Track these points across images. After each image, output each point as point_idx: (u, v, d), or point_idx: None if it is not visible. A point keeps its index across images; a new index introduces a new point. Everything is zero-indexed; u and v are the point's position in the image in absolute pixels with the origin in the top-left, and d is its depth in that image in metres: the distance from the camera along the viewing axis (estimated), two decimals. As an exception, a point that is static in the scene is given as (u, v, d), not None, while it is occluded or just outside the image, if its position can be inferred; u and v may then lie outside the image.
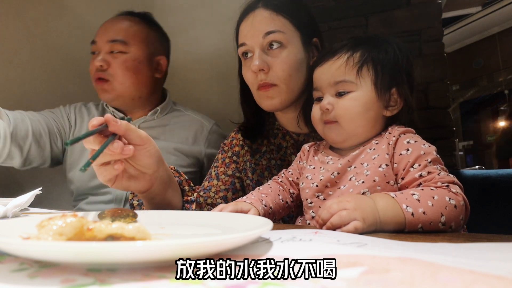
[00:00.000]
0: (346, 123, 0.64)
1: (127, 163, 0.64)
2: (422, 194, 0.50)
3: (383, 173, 0.58)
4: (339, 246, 0.34)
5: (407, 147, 0.58)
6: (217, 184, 0.92)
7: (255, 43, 0.80)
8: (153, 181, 0.68)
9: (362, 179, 0.59)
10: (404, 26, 1.71)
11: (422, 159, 0.56)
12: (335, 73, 0.65)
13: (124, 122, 0.60)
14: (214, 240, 0.28)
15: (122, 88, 1.12)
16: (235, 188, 0.93)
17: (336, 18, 1.80)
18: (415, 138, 0.61)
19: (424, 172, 0.55)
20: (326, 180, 0.63)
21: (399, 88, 0.65)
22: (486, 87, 6.01)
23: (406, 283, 0.23)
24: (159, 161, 0.68)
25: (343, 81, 0.64)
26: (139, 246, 0.25)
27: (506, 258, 0.29)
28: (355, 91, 0.64)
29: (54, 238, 0.28)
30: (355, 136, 0.65)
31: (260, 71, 0.80)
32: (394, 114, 0.66)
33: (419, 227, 0.49)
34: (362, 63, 0.64)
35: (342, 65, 0.65)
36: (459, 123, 6.25)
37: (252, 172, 0.92)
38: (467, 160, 6.37)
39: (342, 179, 0.62)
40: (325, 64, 0.67)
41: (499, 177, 1.19)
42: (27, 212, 0.77)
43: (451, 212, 0.49)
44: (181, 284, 0.24)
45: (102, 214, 0.48)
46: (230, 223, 0.45)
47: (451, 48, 5.80)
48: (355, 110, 0.63)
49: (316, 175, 0.66)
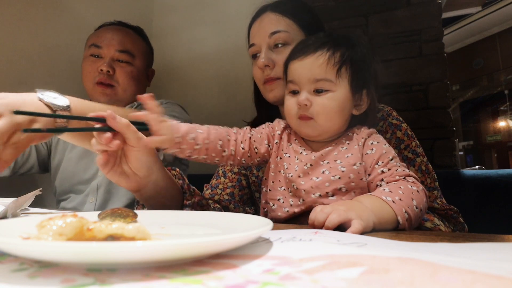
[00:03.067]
0: (323, 121, 0.66)
1: (123, 160, 0.66)
2: (391, 187, 0.57)
3: (357, 170, 0.63)
4: (339, 246, 0.34)
5: (371, 147, 0.65)
6: (224, 181, 0.95)
7: (262, 42, 0.87)
8: (143, 184, 0.69)
9: (339, 175, 0.63)
10: (404, 26, 1.71)
11: (384, 157, 0.63)
12: (316, 70, 0.66)
13: (124, 121, 0.61)
14: (214, 240, 0.28)
15: (124, 95, 1.22)
16: (242, 185, 0.96)
17: (336, 18, 1.81)
18: (377, 139, 0.67)
19: (385, 169, 0.62)
20: (300, 171, 0.66)
21: (368, 89, 0.69)
22: (486, 87, 6.01)
23: (406, 283, 0.23)
24: (151, 167, 0.68)
25: (323, 80, 0.66)
26: (139, 246, 0.25)
27: (506, 258, 0.29)
28: (333, 90, 0.66)
29: (54, 238, 0.28)
30: (328, 132, 0.68)
31: (265, 67, 0.86)
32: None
33: (405, 212, 0.54)
34: (342, 63, 0.66)
35: (324, 63, 0.66)
36: (459, 123, 6.25)
37: (257, 169, 0.95)
38: (467, 160, 6.38)
39: (315, 171, 0.66)
40: (305, 59, 0.68)
41: (499, 177, 1.19)
42: (27, 212, 0.78)
43: (417, 196, 0.57)
44: (181, 284, 0.24)
45: (102, 214, 0.48)
46: (230, 223, 0.45)
47: (451, 48, 5.80)
48: (332, 109, 0.66)
49: (291, 164, 0.68)
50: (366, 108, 0.70)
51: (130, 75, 1.21)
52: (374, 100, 0.70)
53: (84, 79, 1.21)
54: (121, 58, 1.20)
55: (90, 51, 1.21)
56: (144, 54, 1.28)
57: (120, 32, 1.23)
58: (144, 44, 1.30)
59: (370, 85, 0.69)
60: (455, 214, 0.80)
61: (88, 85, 1.20)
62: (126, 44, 1.22)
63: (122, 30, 1.24)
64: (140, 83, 1.27)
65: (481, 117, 6.28)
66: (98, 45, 1.19)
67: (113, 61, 1.19)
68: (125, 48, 1.21)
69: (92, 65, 1.19)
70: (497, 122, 6.07)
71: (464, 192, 1.22)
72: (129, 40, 1.23)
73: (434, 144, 1.61)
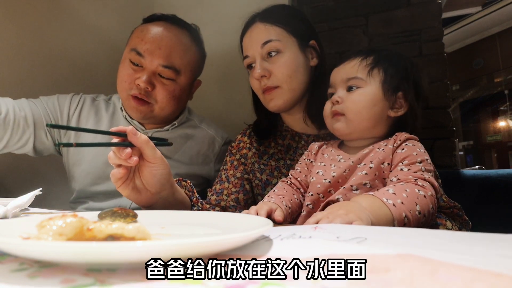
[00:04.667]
0: (353, 115, 0.69)
1: (137, 174, 0.69)
2: (396, 188, 0.56)
3: (383, 169, 0.64)
4: (339, 243, 0.34)
5: (403, 148, 0.65)
6: (228, 187, 0.96)
7: (256, 53, 0.89)
8: (154, 200, 0.71)
9: (366, 170, 0.65)
10: (404, 26, 1.71)
11: (412, 158, 0.62)
12: (348, 71, 0.72)
13: (144, 137, 0.64)
14: (214, 240, 0.28)
15: (161, 113, 1.06)
16: (245, 189, 0.97)
17: (336, 18, 1.80)
18: (414, 143, 0.66)
19: (406, 168, 0.61)
20: (338, 176, 0.68)
21: (405, 92, 0.71)
22: (486, 87, 6.01)
23: (405, 282, 0.23)
24: (164, 184, 0.70)
25: (354, 78, 0.71)
26: (139, 246, 0.25)
27: (506, 253, 0.29)
28: (364, 87, 0.70)
29: (54, 238, 0.28)
30: (360, 129, 0.70)
31: (262, 77, 0.88)
32: (399, 118, 0.71)
33: (404, 216, 0.53)
34: (374, 65, 0.71)
35: (356, 64, 0.72)
36: (459, 123, 6.25)
37: (261, 173, 0.96)
38: (467, 160, 6.37)
39: (353, 176, 0.67)
40: (341, 65, 0.75)
41: (499, 177, 1.19)
42: (27, 212, 0.77)
43: (422, 201, 0.55)
44: (181, 284, 0.24)
45: (102, 214, 0.48)
46: (230, 223, 0.45)
47: (451, 48, 5.80)
48: (362, 104, 0.69)
49: (327, 171, 0.70)
50: (404, 112, 0.71)
51: (171, 94, 1.03)
52: (414, 105, 0.72)
53: (119, 85, 1.04)
54: (163, 74, 1.01)
55: (130, 56, 1.01)
56: (192, 66, 1.08)
57: (169, 39, 1.01)
58: (196, 51, 1.09)
59: (407, 90, 0.71)
60: (460, 212, 0.81)
61: (122, 94, 1.05)
62: (173, 58, 1.01)
63: (171, 37, 1.02)
64: (181, 100, 1.09)
65: (481, 117, 6.27)
66: (140, 53, 0.99)
67: (154, 76, 1.00)
68: (170, 63, 1.00)
69: (129, 75, 1.01)
70: (497, 122, 6.06)
71: (464, 192, 1.22)
72: (177, 51, 1.02)
73: (434, 144, 1.61)
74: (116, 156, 0.63)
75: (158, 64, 0.99)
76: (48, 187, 1.16)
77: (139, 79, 0.98)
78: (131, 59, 1.01)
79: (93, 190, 1.06)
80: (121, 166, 0.65)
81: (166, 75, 1.01)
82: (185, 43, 1.05)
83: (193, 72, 1.10)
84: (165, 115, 1.08)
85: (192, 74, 1.10)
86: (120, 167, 0.66)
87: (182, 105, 1.13)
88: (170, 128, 1.13)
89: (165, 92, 1.02)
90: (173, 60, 1.01)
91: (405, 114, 0.71)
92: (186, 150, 1.13)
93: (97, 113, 1.12)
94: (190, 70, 1.08)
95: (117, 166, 0.66)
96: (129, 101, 1.02)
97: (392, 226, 0.53)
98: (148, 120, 1.08)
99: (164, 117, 1.08)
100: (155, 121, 1.10)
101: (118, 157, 0.63)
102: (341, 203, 0.56)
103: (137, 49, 1.00)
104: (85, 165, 1.07)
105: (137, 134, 0.63)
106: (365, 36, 1.78)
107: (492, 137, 6.08)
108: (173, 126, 1.13)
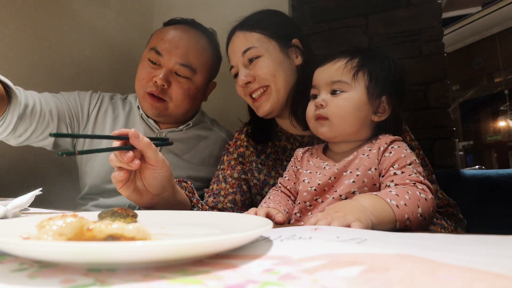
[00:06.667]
0: (337, 120, 0.68)
1: (138, 176, 0.69)
2: (398, 190, 0.56)
3: (371, 175, 0.63)
4: (339, 244, 0.34)
5: (390, 151, 0.64)
6: (225, 187, 0.96)
7: (238, 62, 0.92)
8: (155, 201, 0.72)
9: (353, 178, 0.64)
10: (404, 26, 1.71)
11: (401, 160, 0.62)
12: (333, 73, 0.70)
13: (146, 140, 0.64)
14: (214, 240, 0.28)
15: (175, 111, 1.10)
16: (243, 190, 0.96)
17: (336, 18, 1.81)
18: (399, 145, 0.66)
19: (399, 171, 0.60)
20: (324, 184, 0.67)
21: (389, 97, 0.70)
22: (486, 87, 6.01)
23: (405, 282, 0.23)
24: (165, 186, 0.71)
25: (339, 81, 0.69)
26: (139, 246, 0.25)
27: (506, 253, 0.29)
28: (348, 91, 0.68)
29: (54, 238, 0.28)
30: (345, 134, 0.69)
31: (247, 84, 0.90)
32: (382, 122, 0.71)
33: (406, 218, 0.53)
34: (359, 68, 0.69)
35: (341, 67, 0.70)
36: (459, 123, 6.26)
37: (259, 172, 0.96)
38: (467, 160, 6.37)
39: (339, 183, 0.66)
40: (325, 65, 0.72)
41: (499, 177, 1.19)
42: (27, 212, 0.77)
43: (424, 204, 0.55)
44: (181, 284, 0.24)
45: (102, 214, 0.48)
46: (230, 223, 0.45)
47: (451, 48, 5.80)
48: (347, 109, 0.67)
49: (313, 179, 0.69)
50: (387, 117, 0.70)
51: (186, 92, 1.07)
52: (396, 110, 0.71)
53: (137, 84, 1.09)
54: (180, 73, 1.06)
55: (149, 55, 1.07)
56: (208, 67, 1.12)
57: (186, 40, 1.07)
58: (212, 54, 1.14)
59: (391, 94, 0.70)
60: (455, 211, 0.81)
61: (139, 92, 1.09)
62: (190, 57, 1.06)
63: (189, 38, 1.08)
64: (196, 99, 1.13)
65: (481, 117, 6.27)
66: (159, 52, 1.04)
67: (171, 73, 1.05)
68: (187, 62, 1.05)
69: (147, 73, 1.06)
70: (497, 122, 6.06)
71: (464, 192, 1.22)
72: (194, 51, 1.07)
73: (434, 144, 1.61)
74: (118, 159, 0.64)
75: (175, 62, 1.04)
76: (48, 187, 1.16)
77: (156, 77, 1.03)
78: (150, 58, 1.06)
79: (105, 186, 1.08)
80: (122, 169, 0.65)
81: (183, 73, 1.06)
82: (201, 44, 1.10)
83: (209, 73, 1.14)
84: (180, 113, 1.11)
85: (208, 75, 1.14)
86: (121, 169, 0.66)
87: (196, 105, 1.16)
88: (184, 129, 1.16)
89: (180, 90, 1.06)
90: (190, 59, 1.06)
91: (388, 118, 0.71)
92: (198, 151, 1.15)
93: (114, 110, 1.16)
94: (206, 70, 1.12)
95: (118, 168, 0.66)
96: (145, 98, 1.07)
97: (393, 227, 0.53)
98: (163, 118, 1.11)
99: (179, 115, 1.12)
100: (169, 120, 1.13)
101: (120, 160, 0.63)
102: (340, 203, 0.55)
103: (156, 48, 1.05)
104: (98, 161, 1.10)
105: (139, 137, 0.63)
106: (365, 36, 1.78)
107: (492, 137, 6.08)
108: (187, 126, 1.16)
